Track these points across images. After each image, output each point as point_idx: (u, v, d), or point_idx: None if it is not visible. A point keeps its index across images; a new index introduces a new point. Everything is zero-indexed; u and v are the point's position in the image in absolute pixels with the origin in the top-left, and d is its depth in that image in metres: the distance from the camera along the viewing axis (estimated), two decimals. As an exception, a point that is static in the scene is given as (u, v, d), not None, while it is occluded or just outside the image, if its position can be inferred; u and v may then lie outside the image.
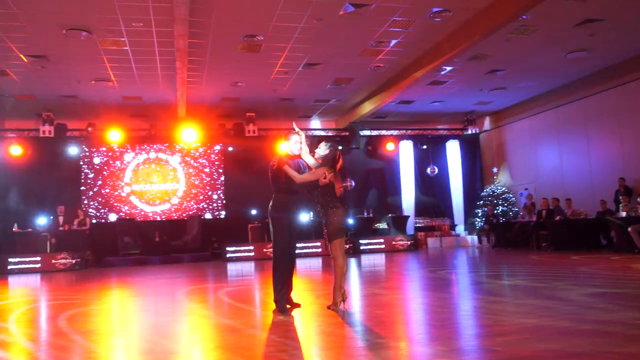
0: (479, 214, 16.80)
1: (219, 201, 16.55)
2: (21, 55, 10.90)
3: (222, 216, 16.46)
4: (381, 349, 3.53)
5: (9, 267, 12.62)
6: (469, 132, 18.15)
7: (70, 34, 9.87)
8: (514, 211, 16.13)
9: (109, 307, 6.57)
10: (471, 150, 18.30)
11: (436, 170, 17.62)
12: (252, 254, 14.49)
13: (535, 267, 9.21)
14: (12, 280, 11.24)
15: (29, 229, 13.69)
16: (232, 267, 12.22)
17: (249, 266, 12.50)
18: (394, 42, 11.10)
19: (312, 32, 10.34)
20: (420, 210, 17.61)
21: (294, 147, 5.34)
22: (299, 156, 5.38)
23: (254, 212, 15.59)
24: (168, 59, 11.28)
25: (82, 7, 8.88)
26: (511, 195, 16.58)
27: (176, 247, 14.87)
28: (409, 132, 17.91)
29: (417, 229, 17.01)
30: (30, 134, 15.18)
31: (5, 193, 14.63)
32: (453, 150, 18.15)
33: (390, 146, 17.40)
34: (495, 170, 17.32)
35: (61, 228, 13.77)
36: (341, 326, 4.41)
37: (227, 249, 14.41)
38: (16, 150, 14.57)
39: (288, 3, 9.00)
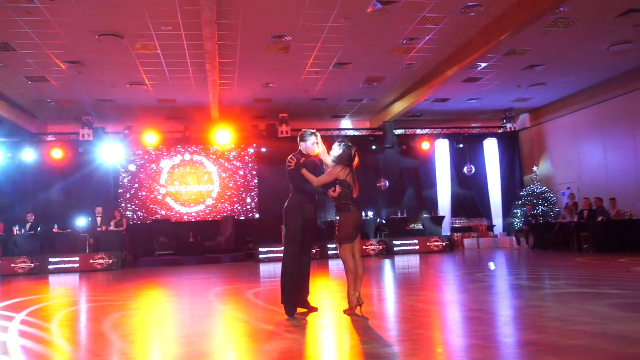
0: (518, 215, 16.28)
1: (253, 203, 16.62)
2: (59, 62, 11.21)
3: (257, 217, 16.54)
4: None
5: (50, 267, 13.02)
6: (508, 129, 17.60)
7: (103, 40, 10.08)
8: (555, 211, 15.55)
9: (145, 308, 6.60)
10: (510, 148, 17.76)
11: (473, 170, 17.17)
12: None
13: (583, 270, 8.78)
14: (53, 279, 11.57)
15: (69, 230, 14.10)
16: (264, 268, 12.22)
17: (278, 267, 12.46)
18: (425, 39, 10.85)
19: (341, 31, 10.22)
20: (456, 211, 17.21)
21: (310, 148, 5.24)
22: (316, 156, 5.28)
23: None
24: (199, 62, 11.37)
25: (113, 13, 9.04)
26: (552, 195, 15.98)
27: (210, 247, 15.03)
28: (444, 130, 17.53)
29: (453, 230, 16.63)
30: (71, 138, 15.63)
31: (47, 195, 15.12)
32: (491, 149, 17.66)
33: (425, 145, 17.07)
34: (535, 169, 16.74)
35: (99, 229, 14.12)
36: (345, 333, 4.28)
37: (260, 250, 14.44)
38: (57, 153, 15.02)
39: (315, 2, 8.92)
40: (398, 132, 17.07)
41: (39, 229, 13.94)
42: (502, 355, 3.41)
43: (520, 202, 16.38)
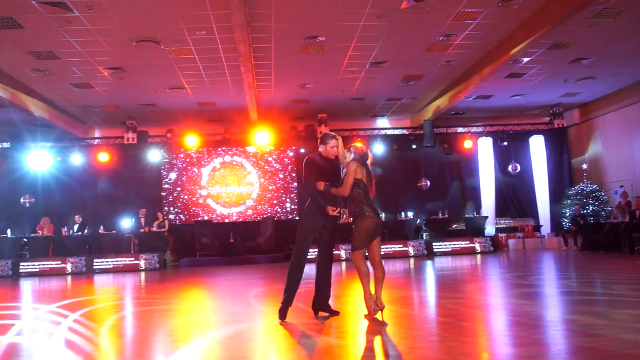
0: (567, 214, 15.61)
1: (292, 203, 16.66)
2: (100, 69, 11.56)
3: (296, 218, 16.55)
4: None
5: (95, 267, 13.47)
6: (555, 126, 16.92)
7: (141, 46, 10.31)
8: (607, 210, 14.82)
9: (187, 309, 6.57)
10: (558, 145, 17.05)
11: (518, 168, 16.59)
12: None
13: (635, 273, 8.30)
14: (98, 279, 11.92)
15: (114, 231, 14.55)
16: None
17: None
18: (463, 34, 10.55)
19: (375, 30, 10.07)
20: (501, 211, 16.68)
21: (330, 152, 5.15)
22: (334, 159, 5.19)
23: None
24: (234, 64, 11.46)
25: (148, 19, 9.22)
26: (603, 194, 15.24)
27: (250, 248, 15.15)
28: (487, 128, 17.03)
29: (497, 230, 16.12)
30: (116, 141, 16.12)
31: (93, 197, 15.66)
32: (537, 146, 17.00)
33: (467, 143, 16.63)
34: (585, 166, 16.02)
35: (142, 230, 14.48)
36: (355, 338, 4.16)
37: (299, 250, 14.42)
38: (103, 156, 15.51)
39: (346, 1, 8.81)
40: (439, 130, 16.71)
41: (86, 230, 14.45)
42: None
43: (568, 201, 15.71)
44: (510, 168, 16.63)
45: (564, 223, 15.61)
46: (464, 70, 12.95)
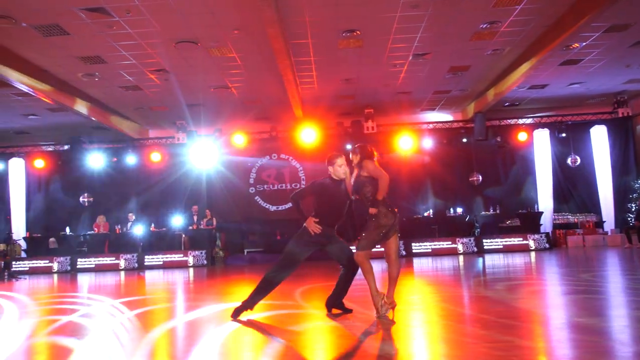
0: (633, 209, 14.59)
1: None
2: (146, 71, 11.89)
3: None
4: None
5: (146, 263, 13.94)
6: (620, 115, 15.84)
7: (181, 47, 10.50)
8: (677, 205, 13.73)
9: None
10: (622, 136, 15.96)
11: (578, 161, 15.67)
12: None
13: None
14: (150, 275, 12.31)
15: (164, 228, 15.00)
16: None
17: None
18: (507, 21, 10.03)
19: (412, 20, 9.76)
20: (559, 206, 15.81)
21: (339, 171, 5.05)
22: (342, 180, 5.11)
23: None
24: (273, 61, 11.46)
25: (184, 20, 9.36)
26: (673, 187, 14.13)
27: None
28: (544, 119, 16.19)
29: (555, 227, 15.29)
30: (168, 141, 16.60)
31: (146, 195, 16.21)
32: (599, 137, 15.98)
33: (522, 136, 15.86)
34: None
35: (191, 227, 14.84)
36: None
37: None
38: (155, 156, 16.01)
39: (379, -8, 8.59)
40: (491, 122, 16.05)
41: (139, 227, 14.97)
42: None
43: (634, 195, 14.67)
44: (569, 161, 15.74)
45: (628, 219, 14.59)
46: (514, 59, 12.34)
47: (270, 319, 5.31)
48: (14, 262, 13.69)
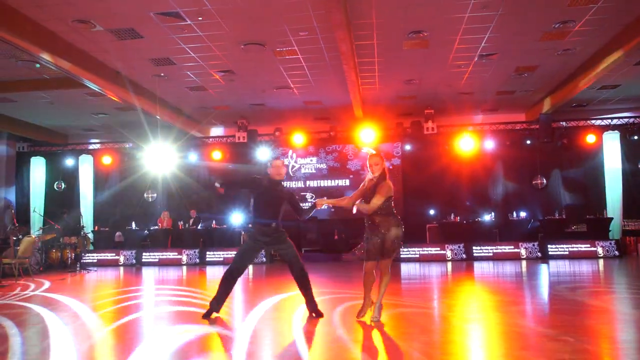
0: None
1: (398, 200, 16.43)
2: (212, 72, 12.18)
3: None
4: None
5: (207, 259, 14.30)
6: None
7: (248, 49, 10.69)
8: None
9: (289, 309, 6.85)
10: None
11: (650, 165, 14.94)
12: (430, 253, 14.03)
13: None
14: (210, 271, 12.66)
15: (224, 225, 15.33)
16: (404, 268, 12.02)
17: (424, 267, 12.13)
18: (582, 20, 9.66)
19: (481, 21, 9.56)
20: (629, 211, 15.09)
21: (275, 172, 5.92)
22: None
23: (432, 212, 15.12)
24: (337, 63, 11.51)
25: (253, 23, 9.52)
26: None
27: (354, 245, 15.18)
28: (614, 121, 15.50)
29: (624, 233, 14.64)
30: (228, 140, 16.94)
31: (208, 193, 16.60)
32: (674, 140, 15.17)
33: (590, 138, 15.25)
34: None
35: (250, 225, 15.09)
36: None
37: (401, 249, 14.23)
38: (217, 154, 16.38)
39: (449, -7, 8.46)
40: (557, 124, 15.52)
41: (200, 224, 15.37)
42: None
43: None
44: (640, 165, 15.03)
45: None
46: (586, 59, 11.87)
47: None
48: (83, 255, 14.34)
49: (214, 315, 5.69)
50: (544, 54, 11.45)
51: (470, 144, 15.24)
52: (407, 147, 16.18)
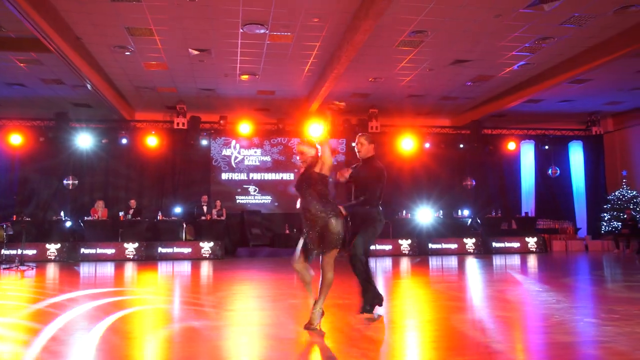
0: (606, 218, 16.19)
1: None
2: (190, 50, 11.17)
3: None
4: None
5: (156, 254, 13.07)
6: (593, 132, 17.46)
7: (245, 29, 10.06)
8: (648, 216, 15.42)
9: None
10: (595, 151, 17.60)
11: (558, 172, 17.07)
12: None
13: None
14: (169, 267, 11.61)
15: (173, 217, 14.16)
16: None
17: (384, 262, 12.45)
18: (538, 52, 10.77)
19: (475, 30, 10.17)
20: (540, 212, 17.08)
21: None
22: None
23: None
24: (324, 54, 11.37)
25: (262, 2, 9.02)
26: (643, 200, 15.86)
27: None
28: (530, 131, 17.40)
29: (538, 231, 16.52)
30: (165, 125, 15.65)
31: (143, 182, 15.20)
32: (576, 152, 17.55)
33: (511, 145, 16.95)
34: (625, 172, 16.60)
35: (203, 217, 14.16)
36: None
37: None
38: (152, 140, 15.03)
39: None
40: (485, 131, 16.96)
41: (142, 215, 13.98)
42: None
43: (608, 206, 16.28)
44: (550, 171, 17.07)
45: (603, 227, 16.17)
46: (535, 75, 13.16)
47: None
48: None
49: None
50: (505, 67, 12.47)
51: (410, 144, 16.00)
52: (353, 144, 16.38)
